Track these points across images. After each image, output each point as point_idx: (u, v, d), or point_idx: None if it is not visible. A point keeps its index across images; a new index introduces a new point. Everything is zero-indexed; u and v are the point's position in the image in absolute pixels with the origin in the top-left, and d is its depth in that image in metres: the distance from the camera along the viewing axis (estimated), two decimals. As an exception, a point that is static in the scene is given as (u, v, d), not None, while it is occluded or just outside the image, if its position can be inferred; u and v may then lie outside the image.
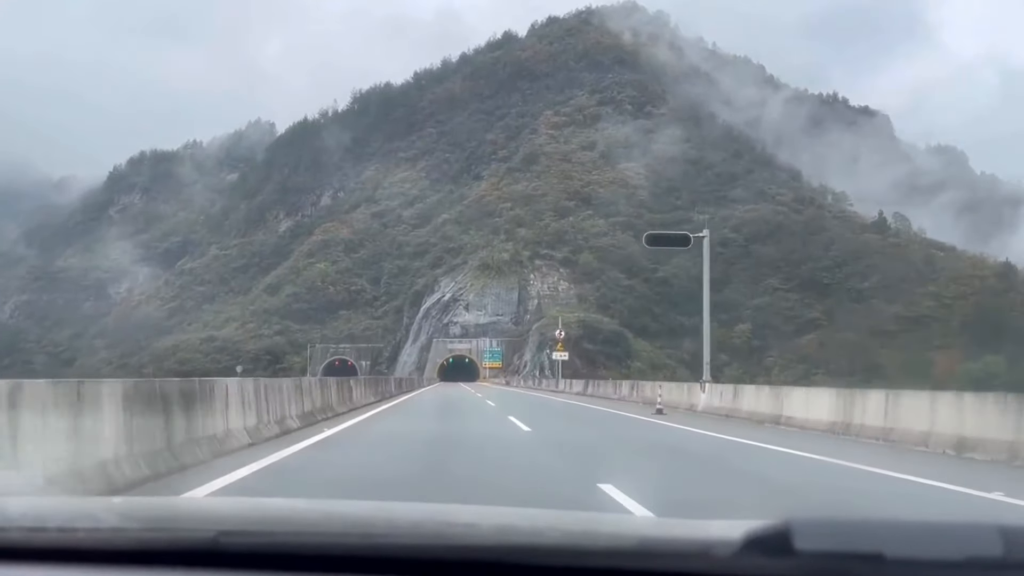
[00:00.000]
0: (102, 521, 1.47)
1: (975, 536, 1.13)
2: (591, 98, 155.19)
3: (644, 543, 1.29)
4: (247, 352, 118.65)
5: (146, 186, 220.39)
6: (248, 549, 1.33)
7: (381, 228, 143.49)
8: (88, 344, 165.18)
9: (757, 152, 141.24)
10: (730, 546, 1.17)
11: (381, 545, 1.35)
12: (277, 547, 1.35)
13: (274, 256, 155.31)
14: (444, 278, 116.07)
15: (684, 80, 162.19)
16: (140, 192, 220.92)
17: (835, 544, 1.12)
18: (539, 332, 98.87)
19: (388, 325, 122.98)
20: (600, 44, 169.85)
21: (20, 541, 1.35)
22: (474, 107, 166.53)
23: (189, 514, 1.67)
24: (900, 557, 1.10)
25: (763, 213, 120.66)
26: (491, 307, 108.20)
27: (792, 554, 1.10)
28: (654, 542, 1.31)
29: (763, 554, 1.14)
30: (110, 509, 1.68)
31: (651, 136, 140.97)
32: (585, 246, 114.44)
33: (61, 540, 1.35)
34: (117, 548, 1.33)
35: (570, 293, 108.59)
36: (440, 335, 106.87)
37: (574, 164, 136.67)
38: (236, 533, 1.35)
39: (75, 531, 1.37)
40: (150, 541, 1.34)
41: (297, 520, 1.59)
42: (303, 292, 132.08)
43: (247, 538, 1.36)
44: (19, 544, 1.34)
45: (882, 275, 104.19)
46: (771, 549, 1.13)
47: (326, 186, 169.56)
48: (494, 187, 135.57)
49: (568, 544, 1.31)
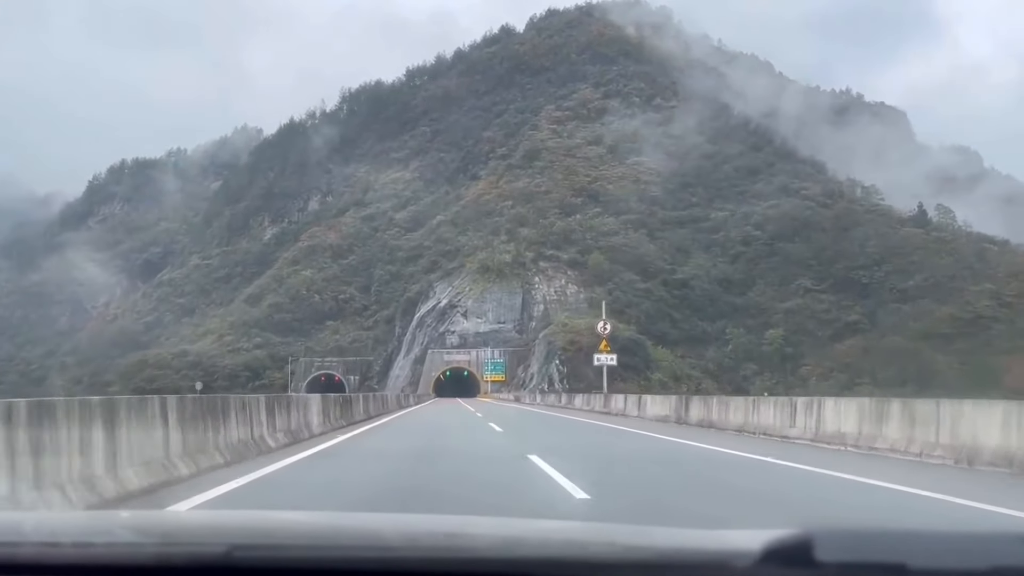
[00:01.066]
0: (116, 536, 1.47)
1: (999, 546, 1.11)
2: (596, 91, 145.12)
3: (661, 554, 1.27)
4: (223, 368, 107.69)
5: (127, 196, 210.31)
6: (260, 563, 1.33)
7: (371, 232, 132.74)
8: (59, 362, 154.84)
9: (777, 145, 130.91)
10: (749, 557, 1.14)
11: (394, 558, 1.34)
12: (289, 561, 1.34)
13: (258, 265, 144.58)
14: (440, 283, 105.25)
15: (693, 72, 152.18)
16: (121, 202, 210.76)
17: (857, 555, 1.09)
18: (546, 340, 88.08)
19: (379, 336, 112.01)
20: (603, 36, 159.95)
21: (35, 556, 1.34)
22: (470, 104, 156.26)
23: (201, 528, 1.65)
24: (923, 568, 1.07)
25: (788, 208, 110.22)
26: (492, 314, 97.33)
27: (813, 565, 1.08)
28: (671, 553, 1.28)
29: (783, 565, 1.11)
30: (124, 524, 1.67)
31: (662, 129, 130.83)
32: (594, 246, 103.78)
33: (76, 555, 1.34)
34: (131, 563, 1.33)
35: (579, 297, 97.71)
36: (436, 346, 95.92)
37: (579, 159, 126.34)
38: (248, 547, 1.35)
39: (90, 546, 1.37)
40: (164, 556, 1.34)
41: (309, 533, 1.57)
42: (286, 302, 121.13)
43: (259, 552, 1.36)
44: (34, 560, 1.33)
45: (928, 272, 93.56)
46: (791, 560, 1.10)
47: (314, 190, 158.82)
48: (493, 185, 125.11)
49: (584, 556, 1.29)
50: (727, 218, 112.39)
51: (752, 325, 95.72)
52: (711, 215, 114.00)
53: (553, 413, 28.95)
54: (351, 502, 6.78)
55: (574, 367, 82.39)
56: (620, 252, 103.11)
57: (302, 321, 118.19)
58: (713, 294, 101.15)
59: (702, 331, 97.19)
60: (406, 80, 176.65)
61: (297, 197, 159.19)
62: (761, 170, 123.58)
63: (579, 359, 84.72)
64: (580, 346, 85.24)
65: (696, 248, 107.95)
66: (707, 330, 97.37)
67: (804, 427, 13.57)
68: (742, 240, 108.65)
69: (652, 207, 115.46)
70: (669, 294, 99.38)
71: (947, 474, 9.41)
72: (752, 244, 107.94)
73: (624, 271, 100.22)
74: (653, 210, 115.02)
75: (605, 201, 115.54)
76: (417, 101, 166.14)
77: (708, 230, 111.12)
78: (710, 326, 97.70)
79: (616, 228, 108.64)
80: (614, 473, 9.76)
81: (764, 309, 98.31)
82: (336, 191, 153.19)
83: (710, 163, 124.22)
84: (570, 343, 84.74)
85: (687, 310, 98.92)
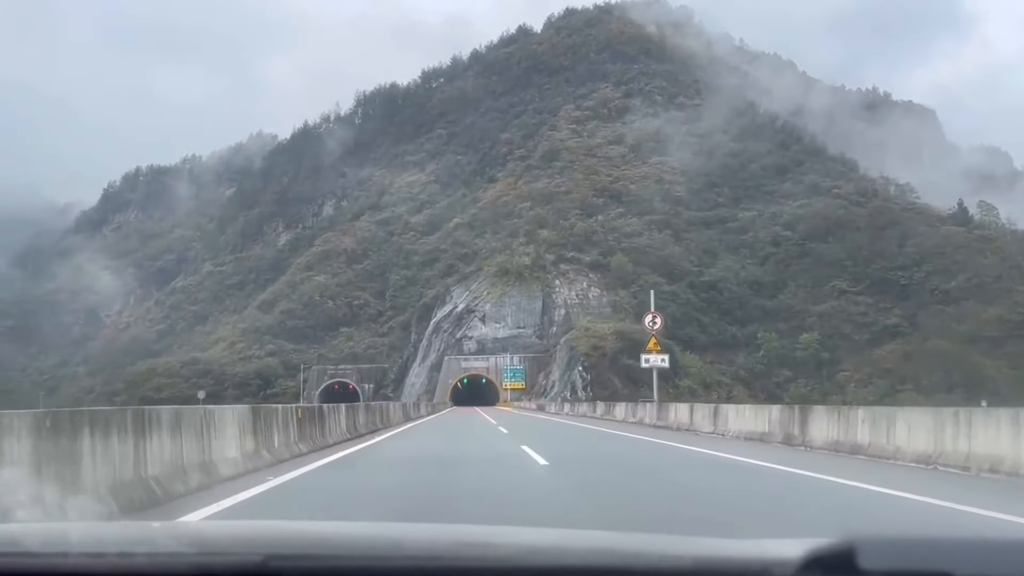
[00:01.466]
0: (159, 546, 1.50)
1: None
2: (616, 90, 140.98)
3: (699, 563, 1.24)
4: (234, 376, 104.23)
5: (141, 203, 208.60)
6: (295, 572, 1.35)
7: (387, 236, 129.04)
8: (72, 371, 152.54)
9: (805, 142, 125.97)
10: (789, 566, 1.12)
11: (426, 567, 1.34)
12: (324, 570, 1.36)
13: (272, 271, 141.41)
14: (457, 287, 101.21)
15: (717, 70, 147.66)
16: (136, 209, 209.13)
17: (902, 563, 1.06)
18: (568, 346, 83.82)
19: (394, 343, 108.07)
20: (624, 34, 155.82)
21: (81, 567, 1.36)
22: (487, 105, 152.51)
23: (236, 537, 1.67)
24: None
25: (820, 207, 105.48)
26: (511, 319, 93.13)
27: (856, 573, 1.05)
28: (709, 562, 1.25)
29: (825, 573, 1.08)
30: (164, 533, 1.72)
31: (686, 128, 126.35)
32: (617, 247, 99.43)
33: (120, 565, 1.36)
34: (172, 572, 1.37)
35: (602, 301, 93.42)
36: (452, 352, 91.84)
37: (600, 159, 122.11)
38: (283, 556, 1.36)
39: (134, 556, 1.39)
40: (203, 565, 1.36)
41: (343, 543, 1.57)
42: (299, 308, 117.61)
43: (294, 561, 1.37)
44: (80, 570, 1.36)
45: (971, 272, 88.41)
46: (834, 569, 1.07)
47: (328, 195, 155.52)
48: (511, 186, 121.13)
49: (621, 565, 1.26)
50: (755, 218, 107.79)
51: (784, 329, 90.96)
52: (738, 215, 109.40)
53: (596, 427, 23.06)
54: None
55: (598, 374, 78.13)
56: (644, 254, 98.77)
57: (315, 328, 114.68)
58: (743, 297, 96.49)
59: (732, 336, 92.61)
60: (421, 82, 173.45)
61: (311, 202, 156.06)
62: (789, 168, 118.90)
63: (603, 365, 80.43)
64: (604, 352, 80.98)
65: (723, 249, 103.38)
66: (737, 335, 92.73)
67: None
68: (772, 241, 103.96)
69: (677, 207, 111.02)
70: (696, 297, 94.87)
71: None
72: (782, 245, 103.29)
73: (649, 273, 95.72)
74: (678, 210, 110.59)
75: (628, 201, 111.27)
76: (433, 103, 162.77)
77: (736, 231, 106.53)
78: (740, 330, 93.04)
79: (640, 229, 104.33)
80: None
81: (797, 312, 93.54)
82: (351, 195, 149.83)
83: (736, 162, 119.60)
84: (593, 348, 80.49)
85: (716, 314, 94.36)
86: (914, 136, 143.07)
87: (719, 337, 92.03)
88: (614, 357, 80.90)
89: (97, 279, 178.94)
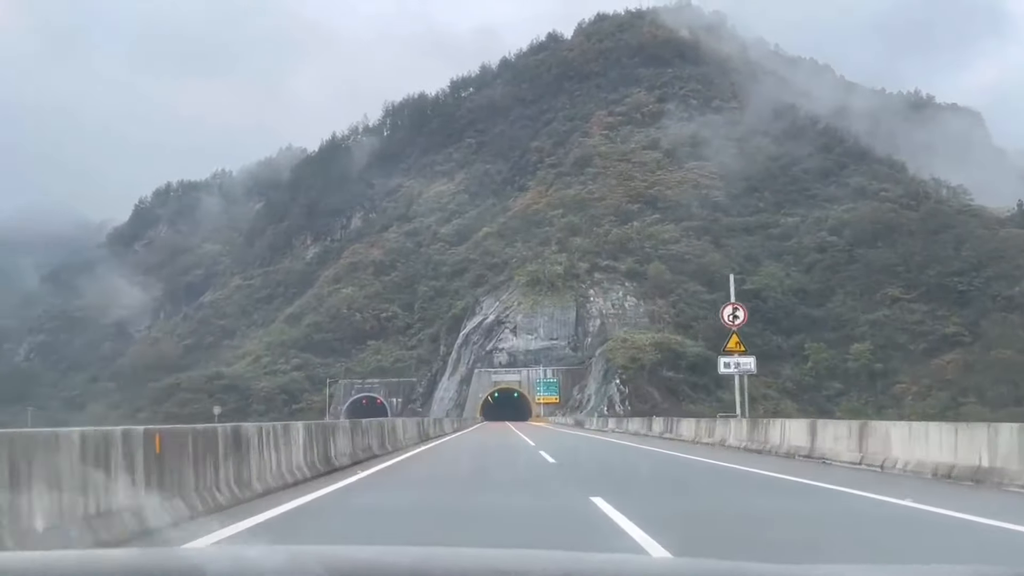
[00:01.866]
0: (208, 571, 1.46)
1: None
2: (650, 95, 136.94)
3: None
4: (259, 390, 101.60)
5: (172, 219, 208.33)
6: None
7: (415, 247, 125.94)
8: (102, 387, 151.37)
9: (849, 145, 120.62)
10: None
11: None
12: None
13: (300, 284, 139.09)
14: (487, 298, 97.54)
15: (753, 73, 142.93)
16: (166, 225, 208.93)
17: None
18: (604, 358, 79.69)
19: (423, 355, 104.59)
20: (656, 38, 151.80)
21: None
22: (517, 113, 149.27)
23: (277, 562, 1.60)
24: None
25: (867, 211, 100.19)
26: (543, 330, 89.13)
27: None
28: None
29: None
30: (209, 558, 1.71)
31: (723, 131, 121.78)
32: (654, 255, 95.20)
33: None
34: None
35: (639, 311, 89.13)
36: (483, 365, 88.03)
37: (635, 164, 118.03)
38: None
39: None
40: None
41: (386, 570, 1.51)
42: (326, 321, 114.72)
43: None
44: None
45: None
46: None
47: (356, 207, 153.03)
48: (541, 194, 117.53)
49: None
50: (798, 223, 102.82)
51: (833, 339, 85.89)
52: (781, 220, 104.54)
53: (674, 452, 17.79)
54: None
55: (637, 387, 73.88)
56: (683, 261, 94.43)
57: (342, 341, 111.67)
58: (788, 306, 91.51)
59: (776, 346, 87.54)
60: (450, 92, 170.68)
61: (340, 214, 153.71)
62: (833, 172, 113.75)
63: (642, 378, 76.14)
64: (642, 363, 76.69)
65: (766, 256, 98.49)
66: (782, 345, 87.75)
67: None
68: (817, 247, 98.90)
69: (715, 213, 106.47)
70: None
71: None
72: (828, 251, 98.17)
73: (687, 281, 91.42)
74: (717, 216, 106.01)
75: (664, 207, 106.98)
76: (462, 112, 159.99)
77: (778, 237, 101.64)
78: (785, 341, 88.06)
79: (677, 235, 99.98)
80: None
81: (846, 321, 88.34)
82: (379, 207, 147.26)
83: (777, 165, 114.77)
84: (631, 360, 76.25)
85: (759, 323, 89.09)
86: (962, 138, 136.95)
87: (763, 348, 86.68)
88: (653, 369, 76.63)
89: (127, 295, 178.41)
